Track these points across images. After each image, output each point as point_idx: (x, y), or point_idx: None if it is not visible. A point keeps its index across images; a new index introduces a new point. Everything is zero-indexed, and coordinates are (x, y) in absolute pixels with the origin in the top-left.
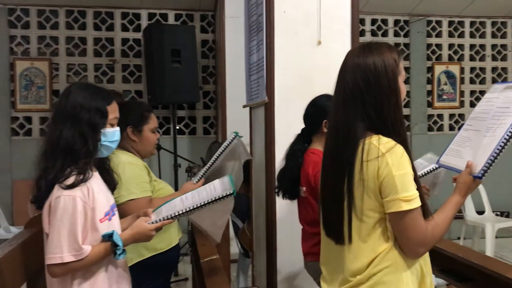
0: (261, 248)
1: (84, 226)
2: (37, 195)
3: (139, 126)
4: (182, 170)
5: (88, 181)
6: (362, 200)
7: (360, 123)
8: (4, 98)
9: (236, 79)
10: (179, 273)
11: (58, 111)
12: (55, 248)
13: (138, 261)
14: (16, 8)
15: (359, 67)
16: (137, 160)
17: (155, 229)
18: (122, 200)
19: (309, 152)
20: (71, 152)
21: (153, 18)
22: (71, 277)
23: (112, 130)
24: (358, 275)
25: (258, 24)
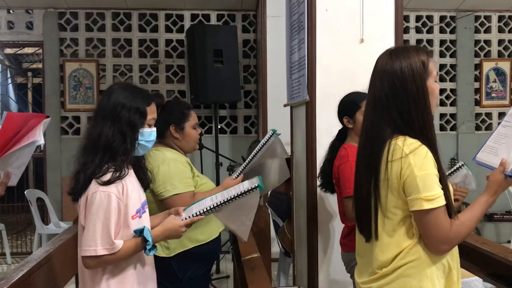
0: (302, 248)
1: (117, 222)
2: (74, 188)
3: (181, 124)
4: (224, 168)
5: (123, 179)
6: (387, 198)
7: (388, 127)
8: (55, 98)
9: (277, 78)
10: (221, 271)
11: (100, 109)
12: (89, 241)
13: (181, 251)
14: (66, 11)
15: (386, 74)
16: (181, 157)
17: (185, 225)
18: (167, 194)
19: (341, 147)
20: (110, 149)
21: (196, 19)
22: (102, 271)
23: (149, 130)
24: (384, 268)
25: (300, 22)
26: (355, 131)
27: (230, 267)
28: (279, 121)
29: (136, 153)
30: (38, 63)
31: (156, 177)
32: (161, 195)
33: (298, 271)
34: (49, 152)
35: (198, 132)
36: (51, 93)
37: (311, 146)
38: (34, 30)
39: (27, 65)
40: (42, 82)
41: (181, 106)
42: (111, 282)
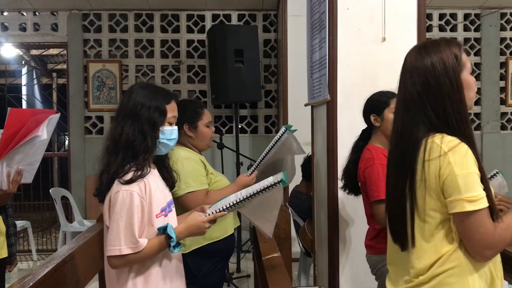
0: (323, 247)
1: (141, 220)
2: (99, 189)
3: (194, 123)
4: (244, 168)
5: (146, 177)
6: (424, 200)
7: (422, 125)
8: (79, 99)
9: (298, 78)
10: (241, 270)
11: (121, 109)
12: (114, 241)
13: (196, 248)
14: (89, 13)
15: (417, 70)
16: (194, 155)
17: (208, 221)
18: (181, 193)
19: (365, 149)
20: (131, 148)
21: (217, 19)
22: (128, 270)
23: (170, 129)
24: (421, 276)
25: (321, 22)
26: (382, 129)
27: (251, 267)
28: (299, 120)
29: (158, 152)
30: (63, 64)
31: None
32: (175, 193)
33: (319, 271)
34: (73, 152)
35: (212, 130)
36: (75, 93)
37: (332, 145)
38: (59, 32)
39: (52, 66)
40: (66, 82)
41: (194, 105)
42: (137, 280)
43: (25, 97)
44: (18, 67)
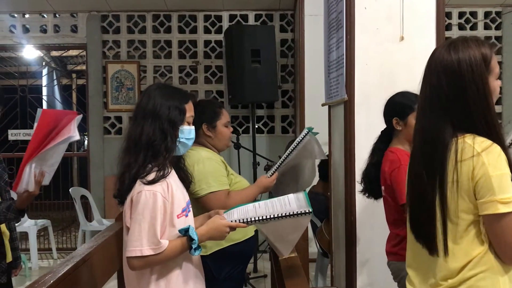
0: (340, 249)
1: (163, 221)
2: (119, 190)
3: (213, 122)
4: (261, 168)
5: (167, 177)
6: (455, 201)
7: (449, 125)
8: (98, 99)
9: (315, 78)
10: (258, 270)
11: (140, 109)
12: (135, 241)
13: (216, 250)
14: (108, 14)
15: (443, 69)
16: (215, 155)
17: (229, 227)
18: (202, 193)
19: (388, 151)
20: (152, 147)
21: (234, 19)
22: (150, 271)
23: (188, 128)
24: (450, 279)
25: (338, 21)
26: (404, 134)
27: (268, 267)
28: (316, 120)
29: (177, 152)
30: (82, 65)
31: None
32: (197, 193)
33: (336, 272)
34: (92, 152)
35: (230, 130)
36: (94, 94)
37: (350, 146)
38: (78, 33)
39: (72, 67)
40: (85, 83)
41: (212, 104)
42: (160, 282)
43: (46, 97)
44: (38, 68)
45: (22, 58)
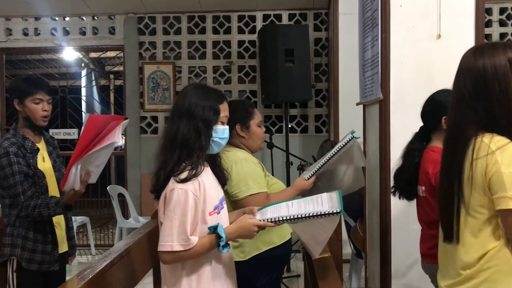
0: (374, 249)
1: (194, 218)
2: (155, 185)
3: (246, 123)
4: (294, 168)
5: (200, 176)
6: (472, 196)
7: (472, 125)
8: (134, 99)
9: (350, 77)
10: (291, 270)
11: (176, 109)
12: (166, 237)
13: (255, 254)
14: (145, 16)
15: (469, 71)
16: (251, 157)
17: (257, 226)
18: (242, 195)
19: (428, 150)
20: (186, 146)
21: (268, 19)
22: (181, 266)
23: (222, 128)
24: (468, 269)
25: (373, 19)
26: None
27: (301, 266)
28: (351, 120)
29: (210, 151)
30: (120, 66)
31: (230, 178)
32: (236, 195)
33: (370, 273)
34: (129, 151)
35: (263, 130)
36: (131, 94)
37: (385, 146)
38: (116, 35)
39: (110, 68)
40: (123, 84)
41: (244, 104)
42: (191, 277)
43: (85, 98)
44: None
45: (62, 60)
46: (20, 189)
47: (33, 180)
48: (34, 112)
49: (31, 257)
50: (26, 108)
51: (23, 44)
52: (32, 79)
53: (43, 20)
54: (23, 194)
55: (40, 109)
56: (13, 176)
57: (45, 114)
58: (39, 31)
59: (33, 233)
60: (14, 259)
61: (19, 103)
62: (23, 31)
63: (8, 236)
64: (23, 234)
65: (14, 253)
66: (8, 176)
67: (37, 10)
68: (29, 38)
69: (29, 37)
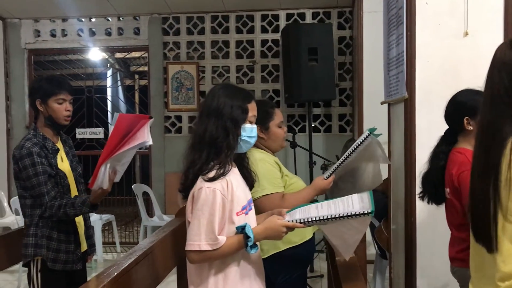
0: (399, 251)
1: (222, 218)
2: (184, 184)
3: (266, 123)
4: (317, 167)
5: (228, 175)
6: (510, 201)
7: (509, 123)
8: (159, 99)
9: (374, 75)
10: (315, 270)
11: (204, 108)
12: (194, 236)
13: (274, 253)
14: (169, 16)
15: (504, 65)
16: (269, 157)
17: (286, 227)
18: (256, 195)
19: (454, 152)
20: (215, 144)
21: (291, 18)
22: (208, 266)
23: (250, 126)
24: (507, 281)
25: (398, 17)
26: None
27: (324, 267)
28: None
29: (239, 150)
30: (144, 66)
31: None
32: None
33: (395, 275)
34: (153, 150)
35: (284, 131)
36: (155, 94)
37: (410, 145)
38: (141, 35)
39: (134, 68)
40: (147, 84)
41: (265, 105)
42: (218, 277)
43: (110, 98)
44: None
45: (89, 60)
46: (44, 189)
47: (55, 180)
48: (57, 112)
49: (55, 257)
50: (49, 108)
51: (51, 45)
52: (55, 80)
53: (70, 21)
54: (47, 194)
55: (63, 109)
56: (36, 176)
57: (68, 114)
58: (66, 32)
59: (57, 233)
60: (38, 259)
61: (41, 103)
62: (50, 33)
63: (31, 237)
64: (47, 234)
65: (39, 253)
66: (31, 176)
67: (65, 12)
68: (57, 39)
69: (57, 38)
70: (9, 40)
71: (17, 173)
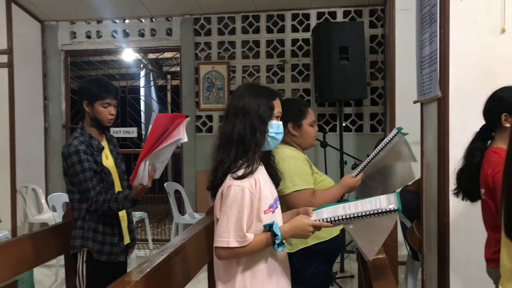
0: (432, 252)
1: (250, 216)
2: (212, 182)
3: (299, 121)
4: (348, 167)
5: (256, 173)
6: None
7: None
8: (190, 99)
9: (406, 74)
10: (345, 270)
11: (231, 108)
12: (223, 233)
13: (303, 247)
14: (200, 17)
15: None
16: (300, 154)
17: (313, 226)
18: (287, 191)
19: (490, 151)
20: (243, 142)
21: (322, 17)
22: (236, 263)
23: (277, 123)
24: None
25: (431, 15)
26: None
27: (355, 267)
28: (408, 118)
29: (267, 147)
30: (176, 66)
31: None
32: (282, 191)
33: (427, 277)
34: (185, 149)
35: (315, 130)
36: (187, 94)
37: (444, 145)
38: (173, 36)
39: (167, 68)
40: (179, 84)
41: (298, 103)
42: (245, 274)
43: (143, 98)
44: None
45: (123, 61)
46: (90, 185)
47: (100, 176)
48: (102, 115)
49: (101, 249)
50: (94, 110)
51: (86, 47)
52: (104, 84)
53: (105, 23)
54: (93, 190)
55: (108, 112)
56: (83, 172)
57: (111, 118)
58: (101, 34)
59: (102, 227)
60: (84, 250)
61: (88, 105)
62: (86, 34)
63: (79, 229)
64: (93, 228)
65: (85, 245)
66: (78, 172)
67: (99, 14)
68: (92, 40)
69: (92, 39)
70: (47, 42)
71: (65, 170)
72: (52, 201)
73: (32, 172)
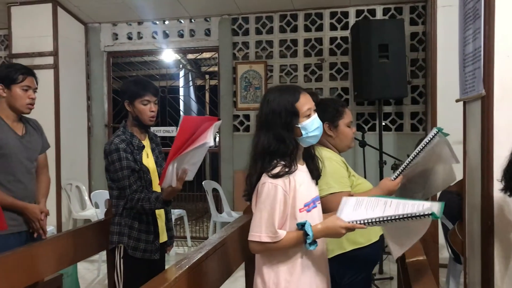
0: (475, 255)
1: (283, 213)
2: (247, 190)
3: (335, 122)
4: (388, 167)
5: (292, 174)
6: None
7: None
8: (228, 98)
9: (448, 72)
10: (384, 271)
11: (257, 119)
12: (256, 227)
13: (339, 253)
14: (238, 17)
15: None
16: (336, 156)
17: (346, 228)
18: (322, 193)
19: None
20: (269, 153)
21: (361, 15)
22: (273, 258)
23: (310, 121)
24: None
25: (475, 11)
26: None
27: (394, 269)
28: (450, 117)
29: (307, 144)
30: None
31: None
32: None
33: (470, 280)
34: (223, 148)
35: (352, 131)
36: (225, 94)
37: (487, 145)
38: (211, 36)
39: (205, 68)
40: (217, 83)
41: (335, 103)
42: (281, 268)
43: (182, 98)
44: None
45: (162, 62)
46: (127, 182)
47: (138, 175)
48: (143, 112)
49: (136, 246)
50: (135, 109)
51: (128, 48)
52: (141, 82)
53: (145, 24)
54: (129, 188)
55: (148, 109)
56: (121, 170)
57: (152, 115)
58: (141, 35)
59: (138, 224)
60: (121, 246)
61: (129, 104)
62: (127, 35)
63: (116, 225)
64: (130, 224)
65: (121, 241)
66: (117, 170)
67: (140, 15)
68: (133, 41)
69: (133, 40)
70: (90, 43)
71: (107, 166)
72: (94, 198)
73: (76, 170)
